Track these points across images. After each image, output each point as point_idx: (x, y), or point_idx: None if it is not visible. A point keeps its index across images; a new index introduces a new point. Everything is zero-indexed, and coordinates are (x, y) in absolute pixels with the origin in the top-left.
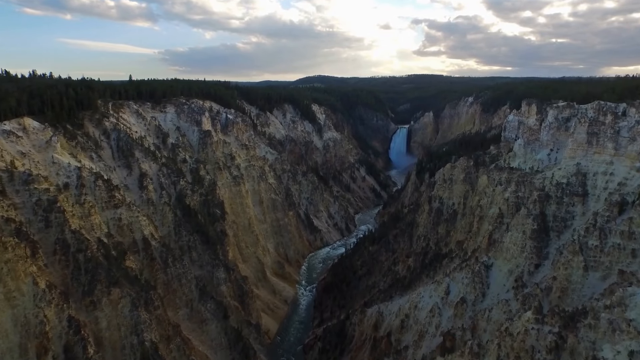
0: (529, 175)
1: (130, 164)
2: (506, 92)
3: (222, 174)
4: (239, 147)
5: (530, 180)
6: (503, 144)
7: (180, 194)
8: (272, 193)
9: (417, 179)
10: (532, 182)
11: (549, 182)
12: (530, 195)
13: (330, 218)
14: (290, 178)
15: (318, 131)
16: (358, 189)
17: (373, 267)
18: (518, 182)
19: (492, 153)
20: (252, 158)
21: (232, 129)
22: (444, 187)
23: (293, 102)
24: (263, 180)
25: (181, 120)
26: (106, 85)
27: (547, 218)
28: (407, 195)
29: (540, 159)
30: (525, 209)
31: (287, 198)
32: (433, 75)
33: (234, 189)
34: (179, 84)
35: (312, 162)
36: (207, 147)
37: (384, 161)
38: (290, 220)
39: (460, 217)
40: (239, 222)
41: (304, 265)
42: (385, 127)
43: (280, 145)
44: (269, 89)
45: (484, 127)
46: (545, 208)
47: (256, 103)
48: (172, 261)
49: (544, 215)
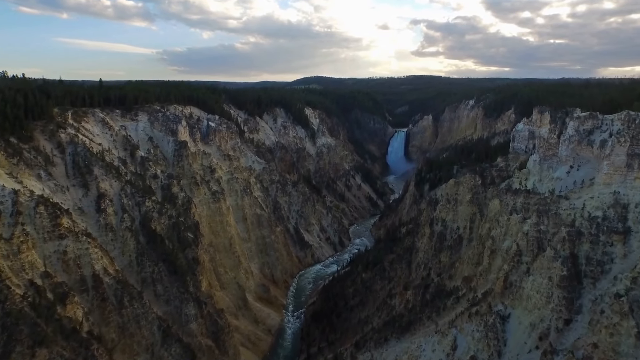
0: (552, 203)
1: (87, 182)
2: (510, 95)
3: (200, 190)
4: (221, 158)
5: (554, 210)
6: (512, 156)
7: (145, 217)
8: (258, 208)
9: (416, 190)
10: (558, 214)
11: (579, 215)
12: (557, 230)
13: (322, 232)
14: (279, 189)
15: (311, 137)
16: (353, 197)
17: (366, 297)
18: (539, 211)
19: (499, 166)
20: (235, 170)
21: (214, 138)
22: (447, 209)
23: (285, 105)
24: (247, 195)
25: (155, 129)
26: (67, 90)
27: (579, 260)
28: (405, 207)
29: (559, 177)
30: (551, 250)
31: (275, 212)
32: (431, 77)
33: (213, 206)
34: (156, 88)
35: (304, 170)
36: (183, 159)
37: (380, 166)
38: (278, 237)
39: (466, 243)
40: (218, 242)
41: (292, 286)
42: (382, 131)
43: (269, 153)
44: (261, 90)
45: (487, 132)
46: (576, 248)
47: (245, 107)
48: (129, 300)
49: (575, 257)
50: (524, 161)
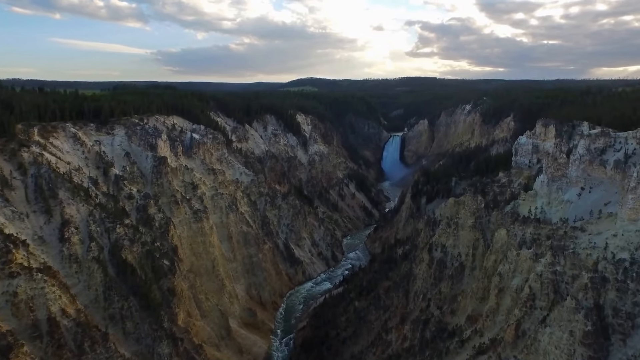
0: (567, 237)
1: (50, 208)
2: (509, 101)
3: (180, 209)
4: (205, 173)
5: (571, 247)
6: (514, 171)
7: (115, 245)
8: (244, 224)
9: (413, 203)
10: (576, 253)
11: (601, 256)
12: (576, 274)
13: (314, 246)
14: (268, 202)
15: (303, 144)
16: (347, 207)
17: (360, 329)
18: (554, 248)
19: (501, 182)
20: (220, 184)
21: (197, 151)
22: (447, 233)
23: (276, 112)
24: (233, 211)
25: (133, 144)
26: (35, 104)
27: (604, 312)
28: (401, 220)
29: (569, 199)
30: (572, 300)
31: (264, 227)
32: (426, 78)
33: (195, 225)
34: (136, 98)
35: (296, 179)
36: (162, 176)
37: (375, 172)
38: (266, 255)
39: (468, 272)
40: (200, 265)
41: (281, 307)
42: (377, 136)
43: (259, 163)
44: (253, 94)
45: (485, 140)
46: (601, 297)
47: (234, 115)
48: (91, 345)
49: (600, 309)
50: (527, 177)
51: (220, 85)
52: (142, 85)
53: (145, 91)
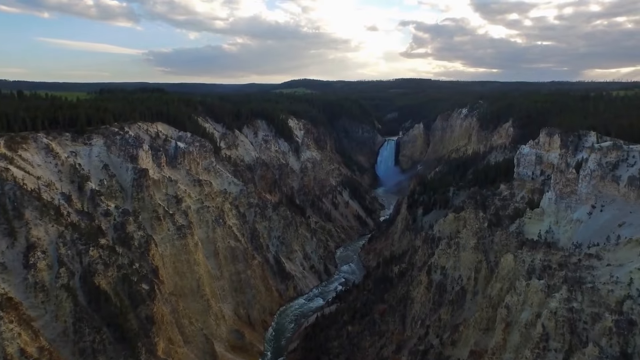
0: (584, 268)
1: (14, 229)
2: (507, 106)
3: (162, 225)
4: (190, 184)
5: (589, 281)
6: (517, 183)
7: (88, 270)
8: (232, 239)
9: (409, 214)
10: (596, 289)
11: (624, 292)
12: (597, 314)
13: (306, 259)
14: (257, 214)
15: (295, 151)
16: (340, 216)
17: (353, 356)
18: (569, 281)
19: (503, 195)
20: (207, 197)
21: (182, 161)
22: (447, 254)
23: (267, 117)
24: (220, 225)
25: (112, 154)
26: (3, 112)
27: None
28: (397, 232)
29: (579, 219)
30: (595, 347)
31: (253, 241)
32: (421, 79)
33: (178, 243)
34: (117, 104)
35: (287, 188)
36: (143, 190)
37: (370, 178)
38: (255, 271)
39: (470, 298)
40: (184, 285)
41: (271, 327)
42: (371, 140)
43: (249, 171)
44: (244, 96)
45: (483, 146)
46: (628, 344)
47: (223, 120)
48: None
49: (628, 357)
50: (531, 189)
51: (213, 87)
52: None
53: (129, 96)
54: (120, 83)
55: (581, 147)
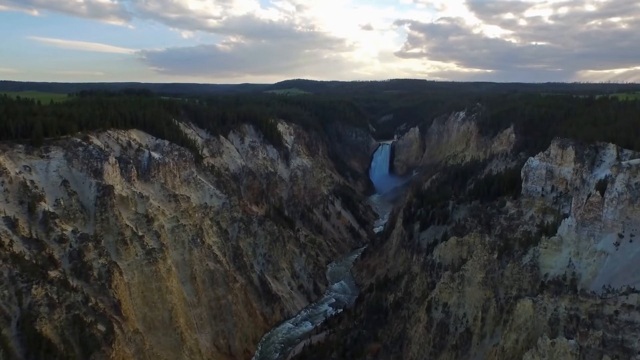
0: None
1: None
2: (507, 110)
3: (129, 250)
4: (165, 200)
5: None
6: (525, 200)
7: (28, 314)
8: (212, 261)
9: (404, 229)
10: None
11: None
12: None
13: (294, 277)
14: (242, 229)
15: (284, 158)
16: (332, 228)
17: None
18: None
19: (510, 213)
20: (183, 214)
21: (157, 174)
22: (450, 289)
23: (255, 121)
24: (198, 246)
25: (74, 169)
26: None
27: None
28: (392, 248)
29: (604, 250)
30: None
31: (236, 260)
32: (416, 80)
33: (148, 269)
34: (86, 109)
35: (276, 198)
36: (108, 210)
37: (363, 185)
38: (237, 296)
39: (477, 342)
40: (155, 317)
41: (254, 356)
42: (365, 144)
43: (234, 181)
44: (233, 98)
45: (482, 153)
46: None
47: (207, 125)
48: None
49: None
50: (542, 209)
51: (206, 87)
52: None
53: (106, 99)
54: (112, 83)
55: (598, 161)
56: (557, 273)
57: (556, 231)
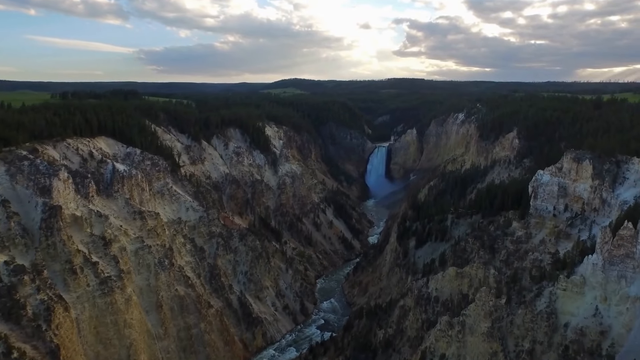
0: None
1: None
2: (510, 113)
3: (79, 280)
4: (129, 218)
5: None
6: (535, 221)
7: None
8: (182, 285)
9: (399, 245)
10: None
11: None
12: None
13: (279, 297)
14: (220, 246)
15: (272, 164)
16: (323, 239)
17: None
18: None
19: (516, 235)
20: (150, 232)
21: (121, 188)
22: (448, 338)
23: (241, 125)
24: (165, 269)
25: (18, 185)
26: None
27: None
28: (385, 265)
29: (637, 295)
30: None
31: (212, 281)
32: (414, 79)
33: (102, 301)
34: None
35: (262, 208)
36: (54, 234)
37: (359, 189)
38: (211, 324)
39: None
40: (109, 357)
41: None
42: (360, 147)
43: (215, 191)
44: (225, 99)
45: (483, 158)
46: None
47: (188, 130)
48: None
49: None
50: (554, 231)
51: (203, 86)
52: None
53: (78, 102)
54: (110, 83)
55: (621, 178)
56: (579, 323)
57: (575, 264)
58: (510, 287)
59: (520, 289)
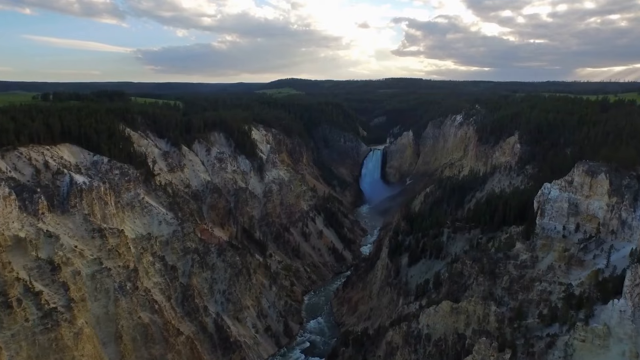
0: None
1: None
2: (510, 115)
3: (15, 315)
4: (87, 236)
5: None
6: (541, 242)
7: None
8: (147, 310)
9: (390, 262)
10: None
11: None
12: None
13: (261, 317)
14: (196, 262)
15: (258, 170)
16: (312, 250)
17: None
18: None
19: (521, 259)
20: (111, 252)
21: (79, 203)
22: None
23: (226, 129)
24: (127, 294)
25: None
26: None
27: None
28: (376, 281)
29: None
30: None
31: (185, 303)
32: (412, 79)
33: (44, 337)
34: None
35: (245, 218)
36: None
37: (352, 195)
38: (180, 354)
39: None
40: None
41: None
42: (355, 150)
43: (195, 200)
44: (214, 101)
45: (482, 163)
46: None
47: (168, 135)
48: None
49: None
50: (563, 255)
51: (200, 86)
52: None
53: (44, 105)
54: (106, 83)
55: None
56: None
57: (593, 302)
58: (515, 328)
59: (526, 333)
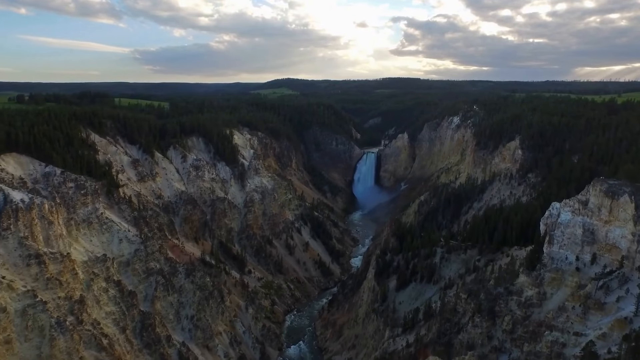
0: None
1: None
2: (511, 118)
3: None
4: (21, 264)
5: None
6: (550, 276)
7: None
8: (93, 348)
9: (377, 284)
10: None
11: None
12: None
13: (234, 344)
14: (160, 285)
15: (239, 177)
16: (296, 264)
17: None
18: None
19: (525, 296)
20: (49, 282)
21: (12, 225)
22: None
23: (205, 133)
24: (66, 331)
25: None
26: None
27: None
28: (362, 305)
29: None
30: None
31: (144, 334)
32: (409, 79)
33: None
34: None
35: (223, 230)
36: None
37: (345, 200)
38: None
39: None
40: None
41: None
42: (347, 153)
43: (166, 213)
44: (201, 103)
45: (481, 170)
46: None
47: (140, 141)
48: None
49: None
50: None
51: (197, 87)
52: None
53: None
54: (103, 83)
55: None
56: None
57: None
58: None
59: None
